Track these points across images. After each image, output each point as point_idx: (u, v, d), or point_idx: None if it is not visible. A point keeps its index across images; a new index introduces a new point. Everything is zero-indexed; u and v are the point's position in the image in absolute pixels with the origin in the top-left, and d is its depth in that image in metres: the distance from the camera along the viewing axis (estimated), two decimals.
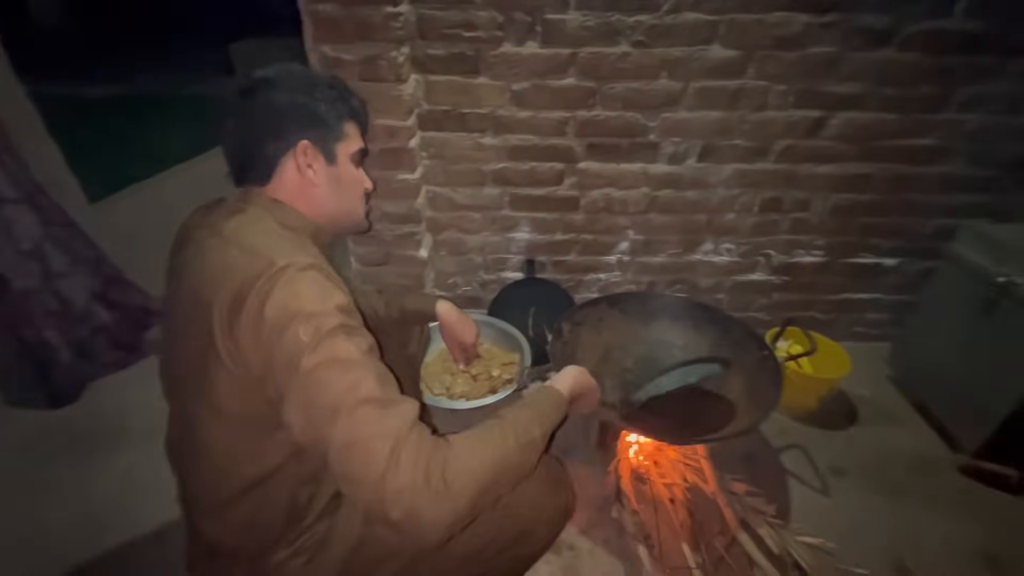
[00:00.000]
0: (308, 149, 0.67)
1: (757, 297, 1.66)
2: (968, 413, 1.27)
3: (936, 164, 1.38)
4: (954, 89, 1.26)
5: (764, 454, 1.33)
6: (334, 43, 1.12)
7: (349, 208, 0.76)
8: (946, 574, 1.07)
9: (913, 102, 1.29)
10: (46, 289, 1.42)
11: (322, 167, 0.69)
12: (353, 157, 0.73)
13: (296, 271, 0.55)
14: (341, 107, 0.71)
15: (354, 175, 0.74)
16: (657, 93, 1.28)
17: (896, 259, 1.57)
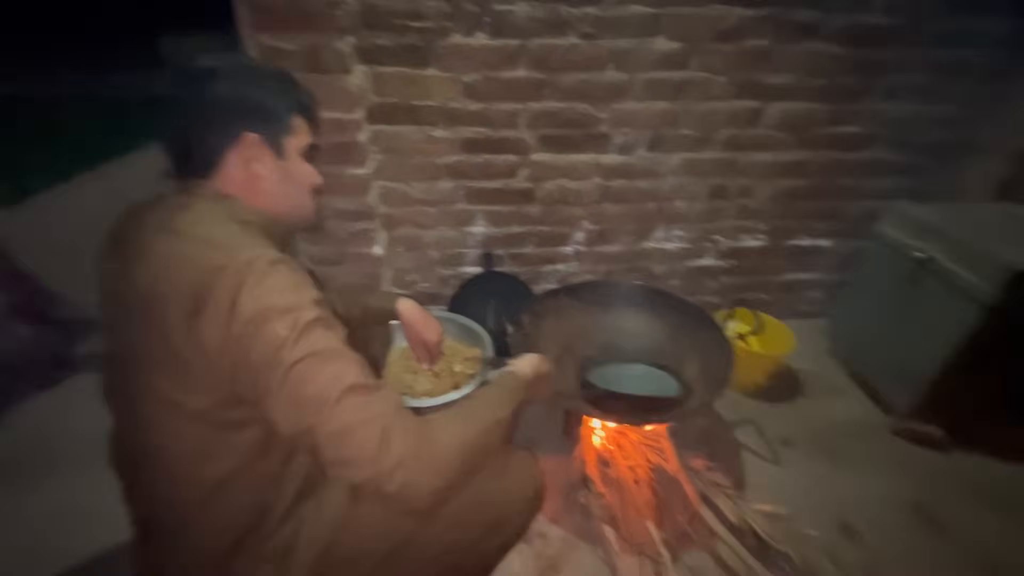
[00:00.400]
0: (255, 143, 0.65)
1: (708, 281, 1.73)
2: (898, 379, 1.38)
3: (862, 150, 1.49)
4: (874, 79, 1.36)
5: (720, 430, 1.39)
6: (273, 32, 1.07)
7: (298, 204, 0.73)
8: (885, 527, 1.16)
9: (839, 92, 1.38)
10: None
11: (270, 161, 0.67)
12: (302, 152, 0.71)
13: (265, 264, 0.54)
14: (289, 100, 0.68)
15: (303, 170, 0.72)
16: (606, 84, 1.30)
17: (831, 240, 1.68)
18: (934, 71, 1.35)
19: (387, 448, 0.51)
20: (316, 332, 0.53)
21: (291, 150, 0.69)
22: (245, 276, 0.52)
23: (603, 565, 1.06)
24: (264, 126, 0.65)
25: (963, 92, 1.40)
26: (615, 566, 1.04)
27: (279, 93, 0.67)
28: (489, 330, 1.40)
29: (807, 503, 1.20)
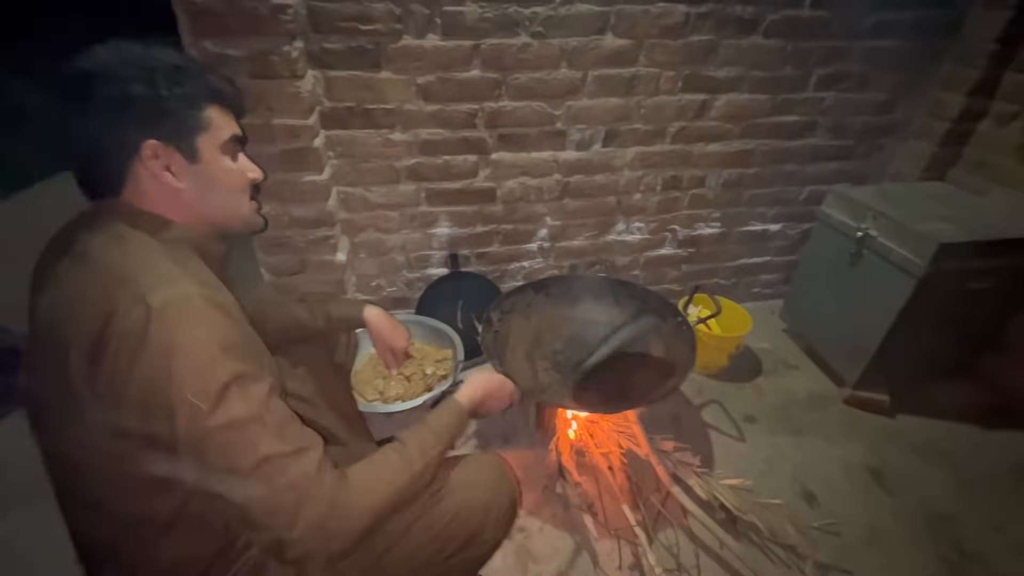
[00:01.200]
0: (158, 150, 0.57)
1: (668, 270, 1.79)
2: (847, 352, 1.47)
3: (804, 138, 1.57)
4: (812, 70, 1.43)
5: (687, 412, 1.44)
6: (216, 38, 1.03)
7: (229, 208, 0.66)
8: (841, 491, 1.23)
9: (779, 83, 1.45)
10: None
11: (183, 167, 0.59)
12: (225, 147, 0.63)
13: (171, 310, 0.48)
14: (196, 91, 0.60)
15: (228, 168, 0.64)
16: (559, 82, 1.32)
17: (779, 224, 1.76)
18: (863, 60, 1.44)
19: (295, 518, 0.50)
20: (230, 399, 0.49)
21: (208, 149, 0.61)
22: (146, 329, 0.47)
23: (582, 552, 1.08)
24: (165, 129, 0.57)
25: (891, 79, 1.50)
26: (594, 552, 1.07)
27: (180, 84, 0.58)
28: (459, 331, 1.41)
29: (770, 474, 1.26)
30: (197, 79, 0.60)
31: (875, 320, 1.33)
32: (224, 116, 0.63)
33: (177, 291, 0.50)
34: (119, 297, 0.48)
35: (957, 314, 1.32)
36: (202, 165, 0.61)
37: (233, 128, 0.65)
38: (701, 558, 1.07)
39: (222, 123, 0.63)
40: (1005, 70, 1.42)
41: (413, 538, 0.67)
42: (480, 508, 0.72)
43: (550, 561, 1.07)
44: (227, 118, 0.64)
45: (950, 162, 1.58)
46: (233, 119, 0.65)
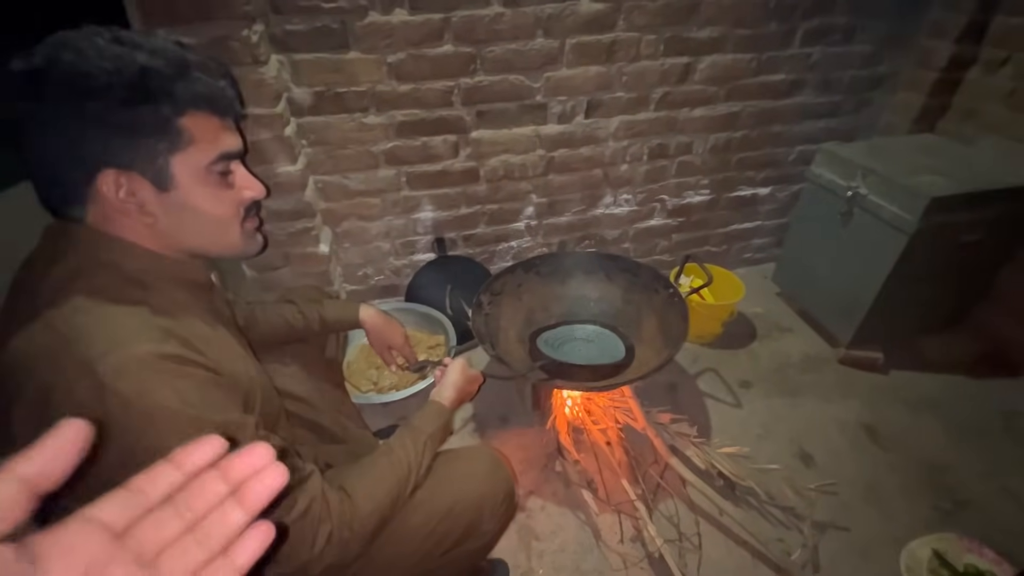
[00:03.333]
0: (119, 179, 0.47)
1: (659, 240, 1.77)
2: (840, 312, 1.47)
3: (791, 96, 1.53)
4: (798, 24, 1.38)
5: (683, 382, 1.44)
6: (169, 25, 0.97)
7: (214, 237, 0.56)
8: (837, 450, 1.25)
9: (764, 40, 1.40)
10: None
11: (151, 196, 0.49)
12: (212, 167, 0.52)
13: (128, 381, 0.42)
14: (173, 100, 0.47)
15: (213, 194, 0.53)
16: (536, 53, 1.27)
17: (769, 187, 1.74)
18: (848, 11, 1.39)
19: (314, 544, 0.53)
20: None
21: (187, 173, 0.50)
22: (98, 400, 0.41)
23: (584, 528, 1.10)
24: (127, 153, 0.47)
25: (878, 29, 1.45)
26: (596, 527, 1.08)
27: (149, 95, 0.46)
28: (449, 316, 1.39)
29: (767, 438, 1.27)
30: (176, 81, 0.48)
31: (867, 278, 1.33)
32: (213, 127, 0.52)
33: (133, 354, 0.43)
34: (62, 365, 0.42)
35: (949, 267, 1.31)
36: (178, 192, 0.51)
37: (224, 142, 0.53)
38: (701, 526, 1.08)
39: (208, 138, 0.51)
40: (994, 14, 1.37)
41: (410, 535, 0.66)
42: (475, 501, 0.71)
43: (553, 538, 1.08)
44: (217, 128, 0.52)
45: (939, 113, 1.55)
46: (227, 128, 0.54)
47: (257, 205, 0.61)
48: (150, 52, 0.47)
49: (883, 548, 1.03)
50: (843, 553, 1.04)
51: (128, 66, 0.45)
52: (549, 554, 1.05)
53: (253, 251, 0.63)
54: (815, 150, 1.48)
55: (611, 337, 1.29)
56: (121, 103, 0.45)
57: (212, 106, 0.51)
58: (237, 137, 0.56)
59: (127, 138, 0.47)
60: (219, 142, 0.52)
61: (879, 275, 1.29)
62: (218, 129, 0.52)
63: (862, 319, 1.37)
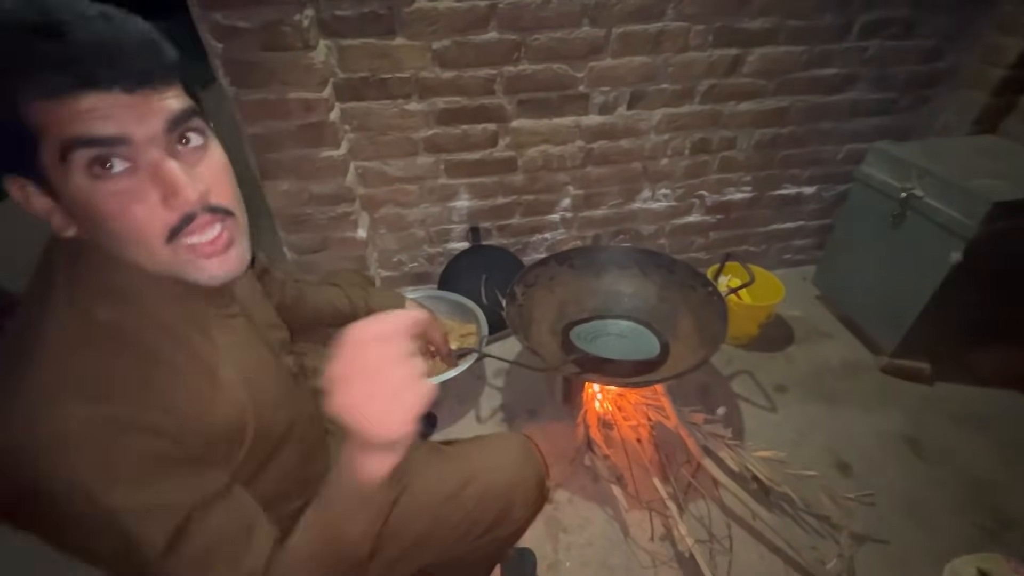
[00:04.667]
0: (11, 186, 0.40)
1: (696, 238, 1.73)
2: (885, 318, 1.41)
3: (843, 92, 1.47)
4: (855, 17, 1.33)
5: (716, 383, 1.42)
6: (226, 9, 0.99)
7: (139, 256, 0.42)
8: (877, 460, 1.21)
9: (818, 33, 1.34)
10: None
11: (51, 205, 0.40)
12: (68, 165, 0.37)
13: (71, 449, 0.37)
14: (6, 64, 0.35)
15: (95, 206, 0.39)
16: (581, 42, 1.25)
17: (814, 186, 1.68)
18: (910, 3, 1.32)
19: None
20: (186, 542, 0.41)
21: (55, 174, 0.38)
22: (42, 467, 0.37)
23: (613, 523, 1.09)
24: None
25: (940, 23, 1.38)
26: (624, 523, 1.08)
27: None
28: (483, 306, 1.39)
29: (803, 445, 1.24)
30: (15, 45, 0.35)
31: (918, 284, 1.27)
32: (66, 104, 0.36)
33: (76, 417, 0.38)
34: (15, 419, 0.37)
35: (1007, 276, 1.24)
36: (67, 201, 0.39)
37: (76, 125, 0.36)
38: (733, 529, 1.06)
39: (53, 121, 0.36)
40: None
41: (442, 519, 0.67)
42: (507, 488, 0.71)
43: (581, 531, 1.08)
44: (77, 106, 0.36)
45: (1003, 112, 1.47)
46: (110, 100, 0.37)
47: (191, 216, 0.41)
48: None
49: (923, 563, 1.00)
50: (880, 566, 1.01)
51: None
52: (576, 547, 1.05)
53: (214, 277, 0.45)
54: (866, 149, 1.42)
55: (645, 333, 1.28)
56: None
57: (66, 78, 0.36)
58: (131, 113, 0.38)
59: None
60: (71, 126, 0.36)
61: (931, 282, 1.24)
62: (78, 107, 0.36)
63: (909, 327, 1.32)
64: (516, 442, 0.79)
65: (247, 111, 1.13)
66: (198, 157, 0.43)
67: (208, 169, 0.44)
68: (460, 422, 1.33)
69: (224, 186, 0.45)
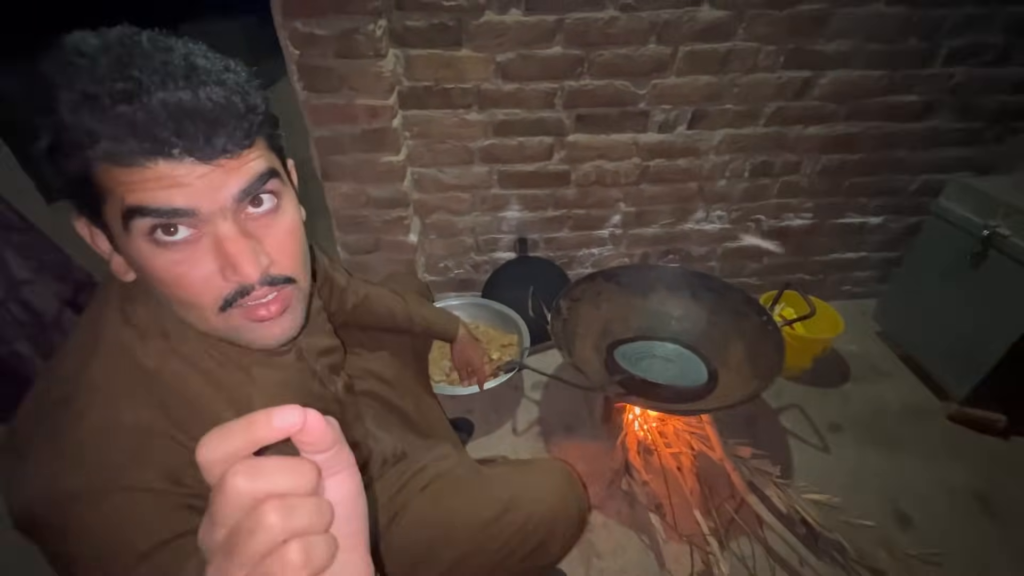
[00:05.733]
0: (84, 225, 0.41)
1: (748, 262, 1.67)
2: (957, 363, 1.31)
3: (922, 120, 1.39)
4: (942, 42, 1.25)
5: (765, 416, 1.36)
6: (306, 17, 1.04)
7: (189, 316, 0.42)
8: (942, 517, 1.12)
9: (900, 57, 1.28)
10: (11, 299, 1.33)
11: (103, 244, 0.42)
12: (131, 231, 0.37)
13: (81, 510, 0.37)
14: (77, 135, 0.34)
15: (149, 269, 0.39)
16: (646, 59, 1.24)
17: (881, 217, 1.59)
18: (1006, 29, 1.24)
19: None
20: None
21: (117, 234, 0.39)
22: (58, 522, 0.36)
23: (648, 552, 1.06)
24: (71, 199, 0.39)
25: None
26: (661, 554, 1.04)
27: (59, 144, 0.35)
28: (527, 317, 1.39)
29: (858, 491, 1.16)
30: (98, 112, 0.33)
31: (998, 329, 1.18)
32: (134, 172, 0.35)
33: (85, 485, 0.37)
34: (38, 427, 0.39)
35: None
36: (125, 256, 0.40)
37: (146, 194, 0.36)
38: (777, 573, 1.01)
39: (117, 188, 0.36)
40: None
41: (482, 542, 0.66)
42: (547, 520, 0.70)
43: (615, 558, 1.05)
44: (141, 175, 0.35)
45: None
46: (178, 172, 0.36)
47: (248, 288, 0.41)
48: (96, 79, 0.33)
49: None
50: None
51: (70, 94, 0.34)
52: (610, 573, 1.02)
53: (263, 342, 0.45)
54: (943, 181, 1.34)
55: (692, 359, 1.24)
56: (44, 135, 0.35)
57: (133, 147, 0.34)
58: (199, 186, 0.36)
59: (62, 183, 0.37)
60: (132, 194, 0.36)
61: (1013, 328, 1.14)
62: (143, 176, 0.35)
63: (985, 375, 1.22)
64: (559, 472, 0.77)
65: (316, 115, 1.17)
66: (267, 222, 0.42)
67: (275, 238, 0.42)
68: (495, 433, 1.33)
69: (289, 254, 0.43)
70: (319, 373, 0.61)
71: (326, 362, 0.64)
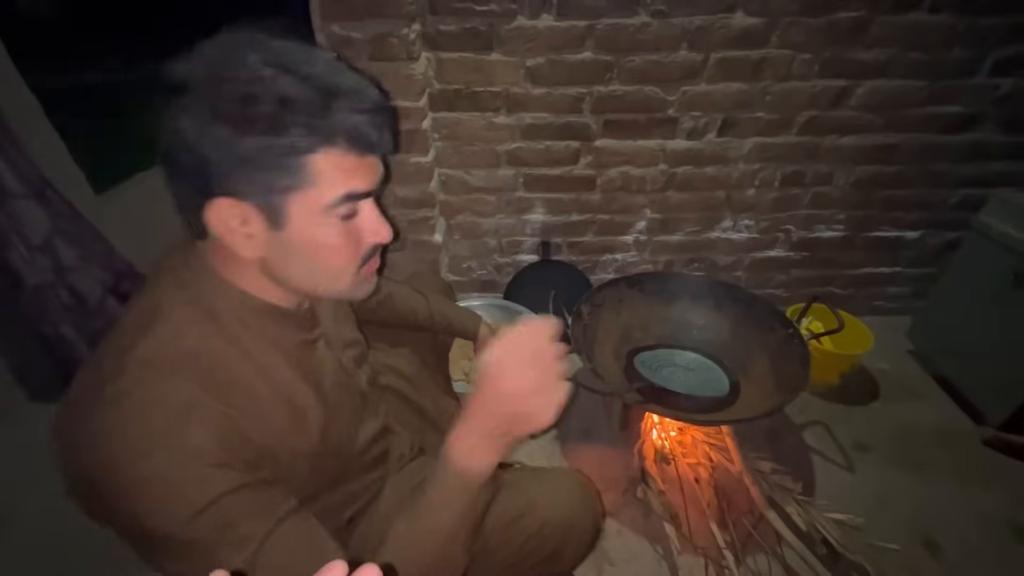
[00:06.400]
0: (230, 208, 0.44)
1: (776, 274, 1.64)
2: (994, 386, 1.26)
3: (964, 132, 1.34)
4: (988, 51, 1.21)
5: (787, 431, 1.32)
6: (343, 21, 1.07)
7: (322, 281, 0.50)
8: (974, 545, 1.07)
9: (942, 67, 1.24)
10: (59, 284, 1.40)
11: (262, 234, 0.46)
12: (333, 209, 0.46)
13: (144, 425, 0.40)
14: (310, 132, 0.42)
15: (327, 238, 0.47)
16: (677, 65, 1.23)
17: (918, 232, 1.54)
18: None
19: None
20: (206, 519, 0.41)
21: (303, 214, 0.45)
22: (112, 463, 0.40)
23: (661, 562, 1.05)
24: (246, 185, 0.43)
25: None
26: (674, 565, 1.03)
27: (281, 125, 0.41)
28: None
29: (884, 513, 1.13)
30: (317, 116, 0.42)
31: None
32: (346, 164, 0.45)
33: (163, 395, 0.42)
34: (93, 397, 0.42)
35: None
36: (291, 232, 0.46)
37: (353, 182, 0.46)
38: None
39: (337, 177, 0.44)
40: None
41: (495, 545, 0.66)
42: (562, 529, 0.70)
43: (627, 566, 1.04)
44: (351, 166, 0.45)
45: None
46: (364, 164, 0.46)
47: (379, 247, 0.52)
48: (300, 78, 0.41)
49: None
50: None
51: (267, 95, 0.40)
52: None
53: (362, 295, 0.54)
54: (985, 195, 1.29)
55: (714, 369, 1.22)
56: (249, 134, 0.41)
57: (350, 144, 0.44)
58: (374, 174, 0.48)
59: (248, 169, 0.42)
60: (348, 182, 0.45)
61: None
62: (352, 167, 0.45)
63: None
64: (576, 482, 0.77)
65: None
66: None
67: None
68: None
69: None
70: (344, 364, 0.63)
71: (351, 354, 0.66)
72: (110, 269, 1.56)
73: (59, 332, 1.39)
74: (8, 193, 1.28)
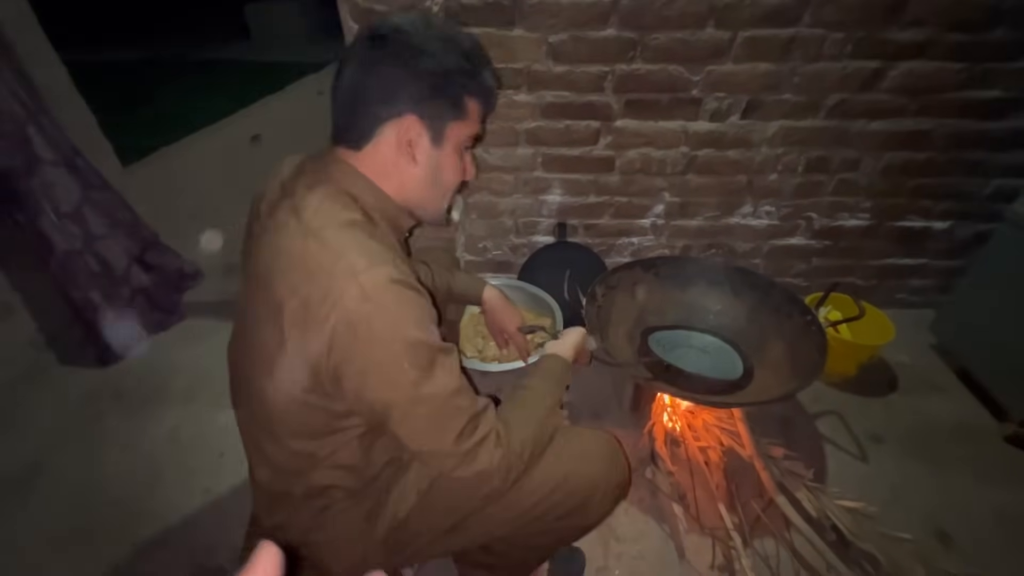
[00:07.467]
0: (415, 125, 0.59)
1: (796, 262, 1.61)
2: (1020, 382, 1.23)
3: (1003, 119, 1.29)
4: None
5: (800, 419, 1.31)
6: None
7: (433, 200, 0.67)
8: (989, 539, 1.06)
9: (984, 49, 1.19)
10: (88, 251, 1.45)
11: (425, 148, 0.61)
12: (463, 142, 0.64)
13: (385, 288, 0.52)
14: (471, 81, 0.60)
15: (454, 164, 0.65)
16: (703, 44, 1.20)
17: (947, 222, 1.49)
18: None
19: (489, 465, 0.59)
20: (436, 372, 0.54)
21: (452, 139, 0.62)
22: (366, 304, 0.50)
23: (668, 541, 1.05)
24: (432, 107, 0.59)
25: None
26: (681, 544, 1.03)
27: (463, 70, 0.58)
28: (563, 301, 1.39)
29: (898, 505, 1.12)
30: (477, 68, 0.60)
31: None
32: (478, 112, 0.63)
33: (387, 271, 0.52)
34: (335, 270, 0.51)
35: None
36: (440, 152, 0.62)
37: (477, 126, 0.65)
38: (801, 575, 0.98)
39: (474, 118, 0.63)
40: None
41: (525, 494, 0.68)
42: (591, 479, 0.72)
43: (634, 543, 1.05)
44: (479, 115, 0.64)
45: None
46: (481, 118, 0.65)
47: (465, 185, 0.70)
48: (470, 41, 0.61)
49: None
50: None
51: (458, 43, 0.59)
52: (628, 558, 1.03)
53: (439, 222, 0.73)
54: (1021, 186, 1.24)
55: (729, 352, 1.21)
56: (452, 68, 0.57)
57: (486, 100, 0.63)
58: (482, 128, 0.69)
59: (435, 95, 0.58)
60: (477, 126, 0.65)
61: None
62: (480, 118, 0.65)
63: None
64: (604, 440, 0.79)
65: None
66: None
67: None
68: None
69: None
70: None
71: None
72: (137, 238, 1.61)
73: (87, 297, 1.45)
74: (40, 159, 1.33)
